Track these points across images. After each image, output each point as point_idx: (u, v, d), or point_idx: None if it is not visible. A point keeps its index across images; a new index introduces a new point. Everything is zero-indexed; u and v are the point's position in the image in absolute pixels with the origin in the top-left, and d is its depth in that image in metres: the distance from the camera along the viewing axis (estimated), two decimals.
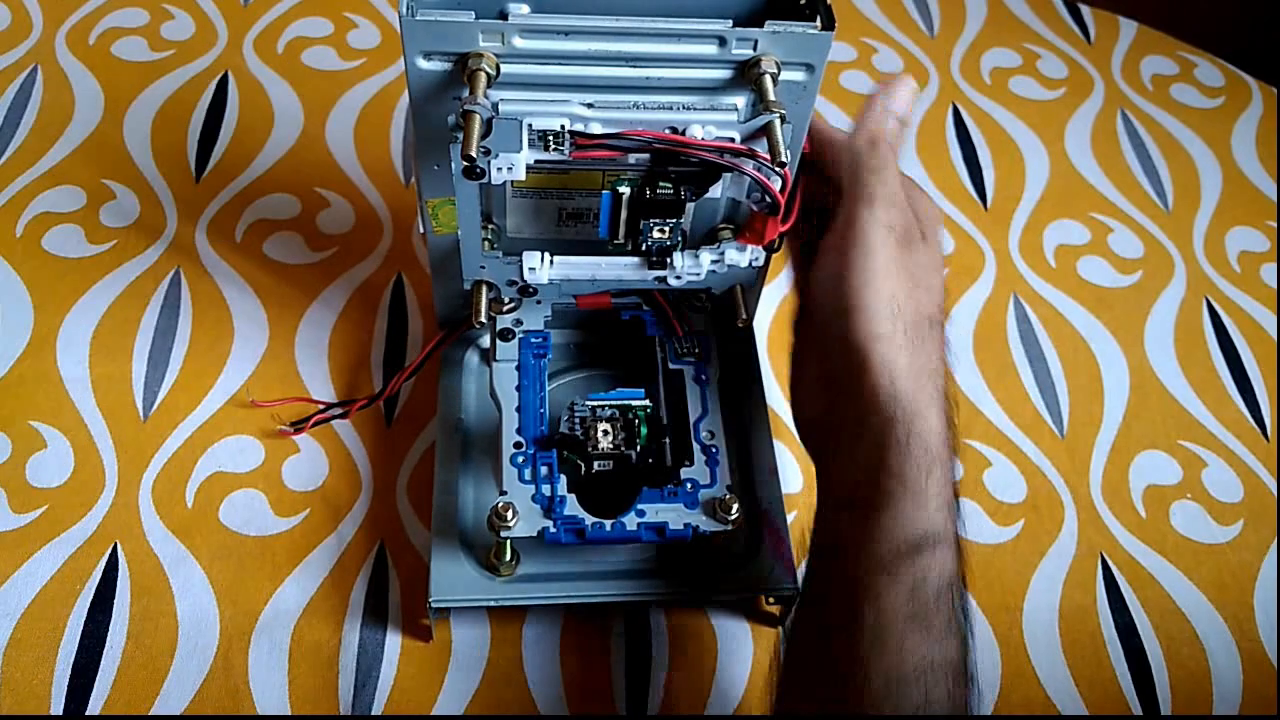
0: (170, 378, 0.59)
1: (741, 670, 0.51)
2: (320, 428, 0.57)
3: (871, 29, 0.83)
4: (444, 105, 0.42)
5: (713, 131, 0.41)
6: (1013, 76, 0.81)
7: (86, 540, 0.53)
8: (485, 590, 0.49)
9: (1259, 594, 0.55)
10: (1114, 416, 0.62)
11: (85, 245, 0.64)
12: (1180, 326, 0.66)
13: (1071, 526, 0.57)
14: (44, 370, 0.58)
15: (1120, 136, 0.77)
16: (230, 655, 0.50)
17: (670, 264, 0.47)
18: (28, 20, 0.77)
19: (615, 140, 0.41)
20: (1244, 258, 0.71)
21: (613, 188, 0.45)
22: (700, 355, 0.53)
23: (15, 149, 0.69)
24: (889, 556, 0.38)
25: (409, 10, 0.39)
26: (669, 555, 0.51)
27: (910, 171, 0.74)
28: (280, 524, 0.54)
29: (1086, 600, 0.55)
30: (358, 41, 0.78)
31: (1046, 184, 0.74)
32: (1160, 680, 0.52)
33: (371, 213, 0.67)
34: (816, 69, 0.42)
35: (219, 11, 0.79)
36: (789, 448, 0.58)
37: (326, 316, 0.62)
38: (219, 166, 0.69)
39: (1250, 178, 0.75)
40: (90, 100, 0.72)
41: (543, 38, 0.40)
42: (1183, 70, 0.83)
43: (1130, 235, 0.71)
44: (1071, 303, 0.67)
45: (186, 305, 0.62)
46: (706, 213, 0.48)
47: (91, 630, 0.50)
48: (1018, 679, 0.52)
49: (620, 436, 0.49)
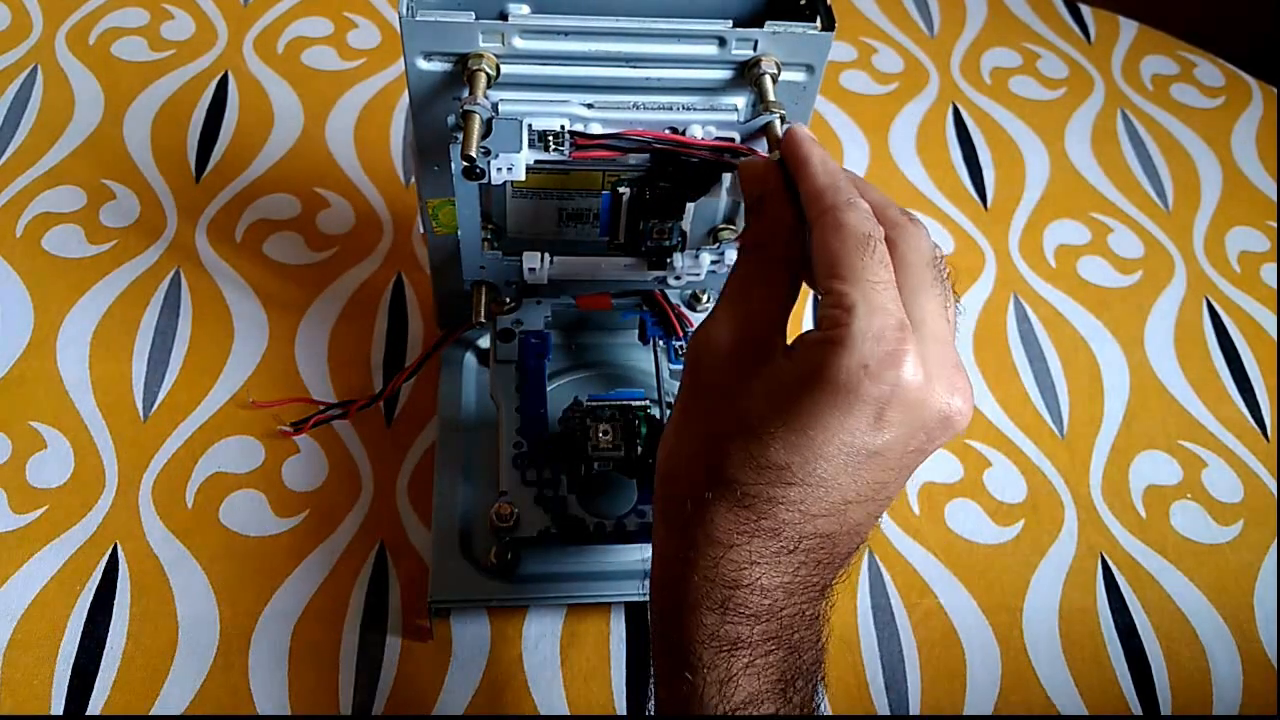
0: (170, 378, 0.59)
1: None
2: (320, 428, 0.57)
3: (871, 29, 0.83)
4: (444, 105, 0.42)
5: (713, 132, 0.41)
6: (1013, 76, 0.81)
7: (86, 541, 0.53)
8: (485, 590, 0.49)
9: (1259, 594, 0.55)
10: (1114, 417, 0.62)
11: (85, 245, 0.64)
12: (1180, 326, 0.66)
13: (1071, 527, 0.57)
14: (44, 370, 0.58)
15: (1120, 136, 0.77)
16: (230, 655, 0.49)
17: (670, 264, 0.47)
18: (28, 20, 0.77)
19: (615, 140, 0.41)
20: (1244, 258, 0.71)
21: (613, 188, 0.45)
22: None
23: (15, 149, 0.69)
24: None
25: (409, 10, 0.39)
26: None
27: (911, 172, 0.74)
28: (280, 524, 0.54)
29: (1086, 600, 0.55)
30: (358, 41, 0.78)
31: (1046, 184, 0.74)
32: (1160, 680, 0.52)
33: (371, 213, 0.67)
34: (816, 69, 0.42)
35: (219, 11, 0.79)
36: None
37: (326, 316, 0.62)
38: (219, 166, 0.69)
39: (1250, 178, 0.75)
40: (90, 100, 0.72)
41: (543, 38, 0.40)
42: (1183, 70, 0.83)
43: (1130, 235, 0.71)
44: (1071, 303, 0.67)
45: (186, 305, 0.62)
46: (706, 213, 0.48)
47: (91, 631, 0.50)
48: (1017, 679, 0.52)
49: (620, 436, 0.49)
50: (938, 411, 0.33)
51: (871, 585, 0.54)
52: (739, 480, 0.33)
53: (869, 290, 0.32)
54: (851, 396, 0.32)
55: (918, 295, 0.34)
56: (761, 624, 0.34)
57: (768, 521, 0.33)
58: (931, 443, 0.34)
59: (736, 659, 0.34)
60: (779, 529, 0.33)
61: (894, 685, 0.51)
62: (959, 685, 0.51)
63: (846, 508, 0.34)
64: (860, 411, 0.32)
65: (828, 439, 0.32)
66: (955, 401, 0.33)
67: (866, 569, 0.55)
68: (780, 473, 0.33)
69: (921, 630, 0.53)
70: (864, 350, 0.31)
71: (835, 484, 0.33)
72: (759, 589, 0.34)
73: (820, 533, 0.34)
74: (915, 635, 0.53)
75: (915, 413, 0.32)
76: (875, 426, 0.32)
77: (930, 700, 0.51)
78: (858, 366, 0.31)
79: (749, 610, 0.34)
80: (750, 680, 0.34)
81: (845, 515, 0.34)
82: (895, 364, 0.31)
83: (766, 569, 0.34)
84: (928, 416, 0.33)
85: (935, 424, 0.33)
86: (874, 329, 0.32)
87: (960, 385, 0.33)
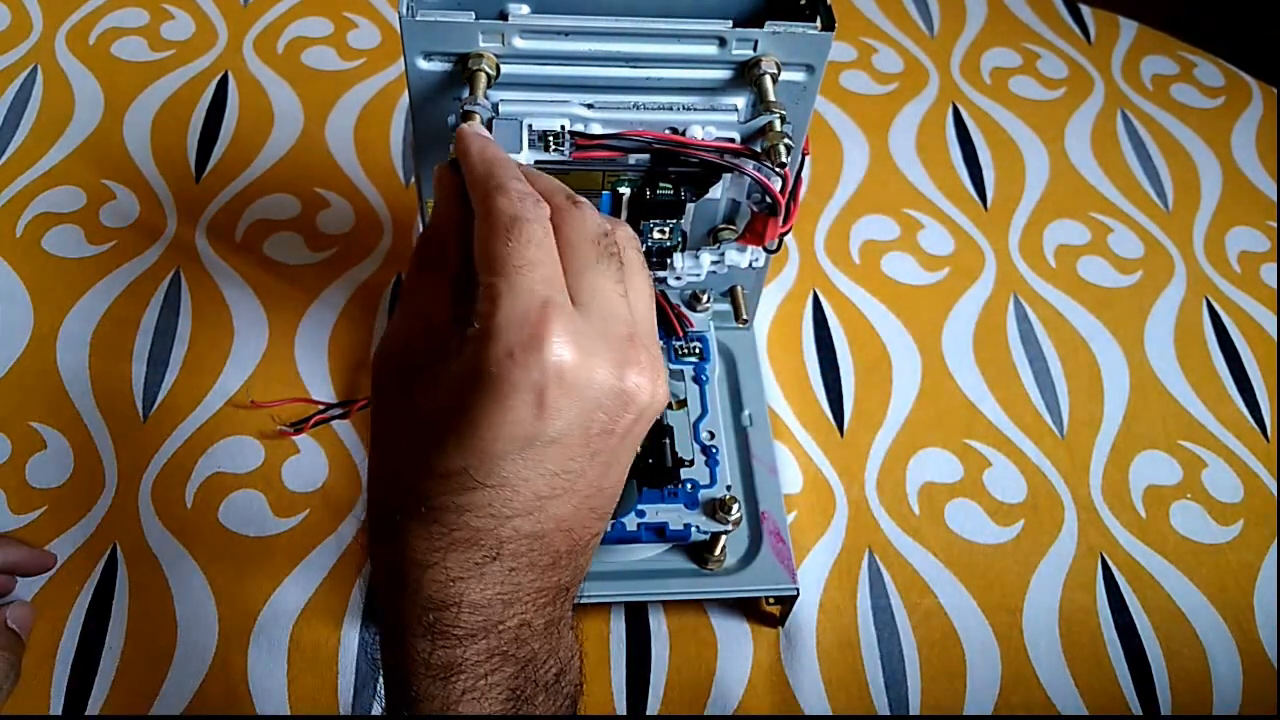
0: (170, 378, 0.59)
1: (741, 670, 0.51)
2: (320, 428, 0.57)
3: (871, 29, 0.83)
4: (444, 105, 0.42)
5: (713, 132, 0.41)
6: (1013, 76, 0.81)
7: (86, 541, 0.53)
8: None
9: (1259, 594, 0.55)
10: (1114, 417, 0.62)
11: (85, 245, 0.64)
12: (1180, 326, 0.66)
13: (1071, 527, 0.57)
14: (44, 370, 0.58)
15: (1120, 136, 0.77)
16: (229, 656, 0.49)
17: (670, 265, 0.47)
18: (28, 20, 0.77)
19: (615, 140, 0.41)
20: (1244, 258, 0.71)
21: (613, 188, 0.45)
22: (700, 355, 0.53)
23: (15, 149, 0.69)
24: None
25: (409, 10, 0.39)
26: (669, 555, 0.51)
27: (911, 172, 0.74)
28: (279, 524, 0.54)
29: (1086, 601, 0.55)
30: (358, 41, 0.78)
31: (1046, 184, 0.74)
32: (1160, 681, 0.52)
33: (371, 213, 0.67)
34: (816, 69, 0.42)
35: (219, 11, 0.79)
36: (789, 448, 0.58)
37: (326, 316, 0.62)
38: (219, 166, 0.69)
39: (1250, 178, 0.75)
40: (90, 100, 0.72)
41: (543, 38, 0.40)
42: (1183, 70, 0.83)
43: (1130, 235, 0.71)
44: (1071, 303, 0.67)
45: (186, 305, 0.62)
46: (707, 213, 0.48)
47: (90, 631, 0.50)
48: (1017, 679, 0.52)
49: None
50: (608, 389, 0.31)
51: (871, 585, 0.54)
52: (425, 493, 0.32)
53: (514, 276, 0.31)
54: (505, 386, 0.30)
55: (583, 274, 0.33)
56: (479, 642, 0.32)
57: (460, 532, 0.32)
58: (617, 422, 0.32)
59: (454, 685, 0.32)
60: (474, 538, 0.32)
61: (894, 685, 0.51)
62: (959, 685, 0.51)
63: (543, 504, 0.32)
64: (518, 400, 0.30)
65: (495, 435, 0.31)
66: (630, 376, 0.32)
67: (866, 569, 0.55)
68: (461, 478, 0.31)
69: (921, 630, 0.53)
70: (509, 337, 0.30)
71: (520, 480, 0.31)
72: (469, 605, 0.32)
73: (523, 534, 0.32)
74: (915, 635, 0.53)
75: (580, 393, 0.31)
76: (539, 414, 0.31)
77: (930, 700, 0.51)
78: (504, 355, 0.30)
79: (461, 630, 0.32)
80: (472, 705, 0.32)
81: (546, 512, 0.32)
82: (538, 346, 0.30)
83: (471, 583, 0.32)
84: (598, 395, 0.31)
85: (611, 402, 0.32)
86: (517, 313, 0.31)
87: (636, 358, 0.32)
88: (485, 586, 0.32)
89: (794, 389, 0.61)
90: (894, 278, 0.67)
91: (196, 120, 0.72)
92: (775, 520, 0.52)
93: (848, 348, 0.63)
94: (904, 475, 0.58)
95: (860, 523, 0.56)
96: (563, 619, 0.35)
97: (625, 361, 0.32)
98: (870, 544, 0.56)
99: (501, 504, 0.32)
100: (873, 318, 0.65)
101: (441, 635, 0.32)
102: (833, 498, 0.57)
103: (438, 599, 0.32)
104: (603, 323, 0.32)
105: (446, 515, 0.32)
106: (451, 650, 0.32)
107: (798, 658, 0.51)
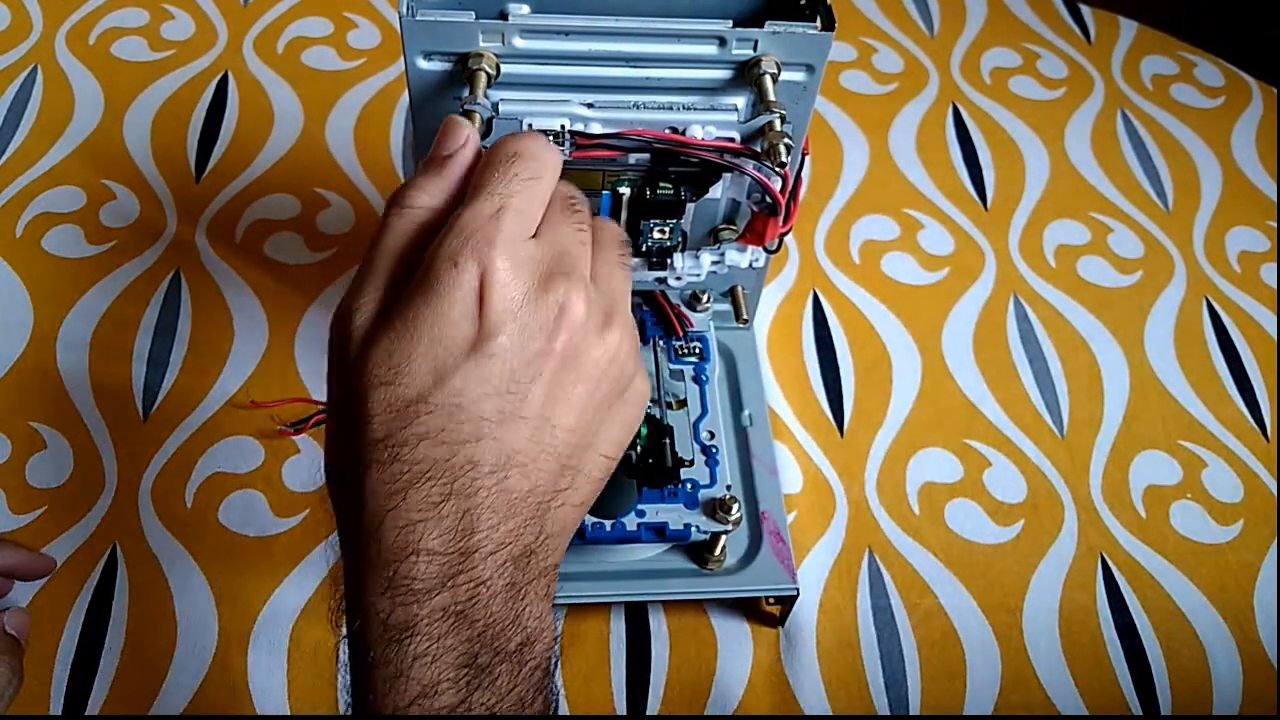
0: (170, 378, 0.59)
1: (741, 670, 0.51)
2: (320, 428, 0.57)
3: (871, 29, 0.83)
4: (444, 105, 0.42)
5: (713, 131, 0.41)
6: (1013, 76, 0.81)
7: (85, 541, 0.53)
8: None
9: (1259, 594, 0.55)
10: (1114, 417, 0.62)
11: (85, 245, 0.64)
12: (1180, 326, 0.66)
13: (1071, 527, 0.57)
14: (44, 370, 0.58)
15: (1120, 136, 0.77)
16: (229, 656, 0.49)
17: (670, 265, 0.47)
18: (28, 20, 0.77)
19: (615, 140, 0.41)
20: (1244, 258, 0.71)
21: (613, 188, 0.45)
22: (700, 355, 0.53)
23: (15, 149, 0.69)
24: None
25: (409, 10, 0.39)
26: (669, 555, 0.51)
27: (911, 172, 0.74)
28: (279, 524, 0.54)
29: (1086, 600, 0.55)
30: (358, 41, 0.78)
31: (1046, 184, 0.74)
32: (1160, 681, 0.52)
33: (371, 213, 0.67)
34: (816, 69, 0.42)
35: (219, 11, 0.79)
36: (789, 448, 0.58)
37: (326, 317, 0.61)
38: (219, 166, 0.69)
39: (1250, 178, 0.75)
40: (90, 100, 0.72)
41: (543, 38, 0.40)
42: (1183, 70, 0.83)
43: (1130, 235, 0.71)
44: (1071, 303, 0.67)
45: (186, 305, 0.62)
46: (707, 213, 0.48)
47: (90, 631, 0.50)
48: (1017, 679, 0.52)
49: None
50: (545, 304, 0.33)
51: (871, 585, 0.54)
52: (386, 435, 0.32)
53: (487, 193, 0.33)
54: (441, 287, 0.31)
55: (552, 220, 0.35)
56: (435, 597, 0.32)
57: (420, 465, 0.32)
58: (553, 342, 0.33)
59: (407, 648, 0.31)
60: (430, 471, 0.32)
61: (894, 685, 0.51)
62: (959, 685, 0.51)
63: (492, 429, 0.32)
64: (456, 299, 0.31)
65: (435, 338, 0.31)
66: (559, 291, 0.33)
67: (866, 569, 0.55)
68: (418, 406, 0.32)
69: (921, 630, 0.53)
70: (454, 243, 0.31)
71: (466, 398, 0.32)
72: (426, 552, 0.32)
73: (476, 463, 0.32)
74: (915, 635, 0.53)
75: (514, 302, 0.32)
76: (478, 323, 0.32)
77: (930, 700, 0.51)
78: (446, 257, 0.31)
79: (419, 584, 0.31)
80: (425, 670, 0.31)
81: (498, 441, 0.32)
82: (477, 252, 0.31)
83: (430, 525, 0.32)
84: (538, 313, 0.32)
85: (548, 318, 0.33)
86: (468, 217, 0.32)
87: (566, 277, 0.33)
88: (443, 531, 0.32)
89: (794, 389, 0.61)
90: (894, 278, 0.67)
91: (196, 120, 0.72)
92: (775, 520, 0.52)
93: (848, 348, 0.63)
94: (904, 475, 0.58)
95: (860, 523, 0.56)
96: (528, 586, 0.34)
97: (552, 275, 0.33)
98: (870, 544, 0.56)
99: (453, 428, 0.32)
100: (873, 318, 0.65)
101: (400, 589, 0.31)
102: (833, 498, 0.57)
103: (398, 545, 0.32)
104: (550, 249, 0.34)
105: (405, 451, 0.32)
106: (409, 607, 0.31)
107: (798, 658, 0.51)
